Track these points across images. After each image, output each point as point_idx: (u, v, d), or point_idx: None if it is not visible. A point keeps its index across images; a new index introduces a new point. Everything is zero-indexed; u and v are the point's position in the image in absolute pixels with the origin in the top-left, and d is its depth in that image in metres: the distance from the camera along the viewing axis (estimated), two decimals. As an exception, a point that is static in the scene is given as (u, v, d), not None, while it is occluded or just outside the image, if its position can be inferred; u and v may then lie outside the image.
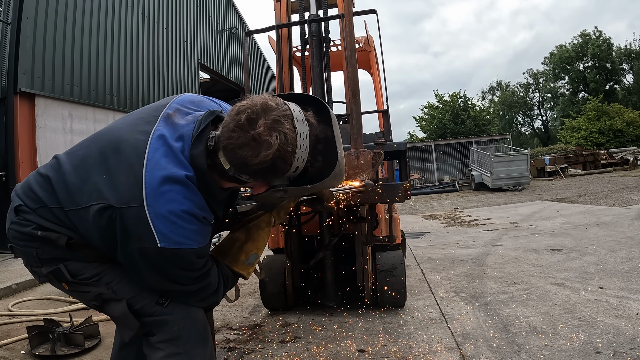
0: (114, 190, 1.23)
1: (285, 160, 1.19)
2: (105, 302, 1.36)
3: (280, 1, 3.75)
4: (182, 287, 1.34)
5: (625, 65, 41.95)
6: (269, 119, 1.17)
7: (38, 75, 7.26)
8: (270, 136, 1.15)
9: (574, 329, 2.75)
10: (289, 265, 3.40)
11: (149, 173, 1.22)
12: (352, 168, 1.68)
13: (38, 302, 4.35)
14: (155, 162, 1.23)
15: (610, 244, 5.24)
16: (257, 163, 1.18)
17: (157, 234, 1.20)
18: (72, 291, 1.40)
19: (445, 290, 3.93)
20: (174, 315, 1.35)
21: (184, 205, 1.23)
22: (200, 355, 1.38)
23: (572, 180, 18.36)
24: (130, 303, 1.35)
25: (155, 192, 1.20)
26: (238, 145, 1.18)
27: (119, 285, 1.36)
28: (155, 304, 1.35)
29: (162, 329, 1.35)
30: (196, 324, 1.39)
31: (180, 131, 1.30)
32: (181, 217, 1.22)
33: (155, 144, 1.26)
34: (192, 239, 1.25)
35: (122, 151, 1.28)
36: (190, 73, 12.60)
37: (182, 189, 1.23)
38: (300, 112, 1.24)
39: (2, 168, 7.05)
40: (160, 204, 1.20)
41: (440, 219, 10.06)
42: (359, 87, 1.86)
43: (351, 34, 2.41)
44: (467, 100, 37.24)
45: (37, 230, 1.32)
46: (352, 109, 1.78)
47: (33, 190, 1.34)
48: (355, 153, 1.66)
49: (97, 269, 1.37)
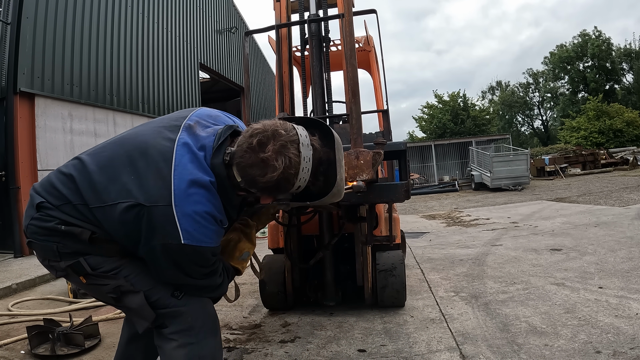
0: (142, 190, 1.35)
1: (288, 181, 1.35)
2: (123, 294, 1.45)
3: (280, 1, 3.75)
4: (194, 281, 1.46)
5: (625, 65, 41.96)
6: (277, 144, 1.33)
7: (38, 75, 7.26)
8: (276, 160, 1.32)
9: (574, 328, 2.75)
10: (288, 265, 3.40)
11: (178, 176, 1.35)
12: (352, 168, 1.69)
13: (38, 302, 4.35)
14: (183, 166, 1.37)
15: (610, 244, 5.24)
16: (263, 182, 1.34)
17: (182, 232, 1.32)
18: (89, 284, 1.48)
19: (445, 290, 3.93)
20: (188, 306, 1.47)
21: (207, 207, 1.37)
22: (211, 345, 1.49)
23: (572, 180, 18.36)
24: (147, 295, 1.44)
25: (183, 193, 1.34)
26: (249, 165, 1.35)
27: (136, 278, 1.46)
28: (170, 296, 1.46)
29: (176, 320, 1.46)
30: (208, 315, 1.51)
31: (202, 142, 1.45)
32: (205, 217, 1.36)
33: (181, 151, 1.40)
34: (211, 238, 1.39)
35: (149, 155, 1.41)
36: (190, 73, 12.60)
37: (206, 193, 1.37)
38: (306, 137, 1.40)
39: (2, 168, 7.05)
40: (187, 204, 1.33)
41: (440, 218, 10.06)
42: (358, 87, 1.86)
43: (351, 34, 2.41)
44: (466, 100, 37.27)
45: (61, 225, 1.40)
46: (352, 109, 1.78)
47: (56, 188, 1.44)
48: (355, 153, 1.66)
49: (116, 263, 1.46)
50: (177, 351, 1.44)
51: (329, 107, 3.86)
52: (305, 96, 4.53)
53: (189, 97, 12.39)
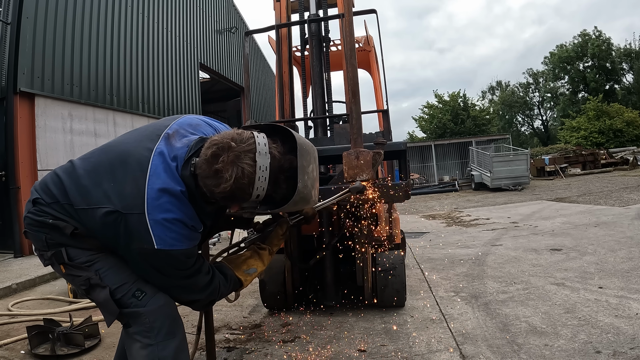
0: (120, 198, 1.46)
1: (243, 191, 1.41)
2: (91, 287, 1.54)
3: (280, 1, 3.75)
4: (177, 282, 1.55)
5: (625, 65, 41.94)
6: (231, 155, 1.39)
7: (38, 75, 7.26)
8: (227, 172, 1.38)
9: (574, 328, 2.75)
10: (288, 265, 3.40)
11: (150, 185, 1.46)
12: (352, 168, 1.69)
13: (38, 302, 4.35)
14: (156, 176, 1.48)
15: (610, 244, 5.24)
16: (218, 192, 1.41)
17: (155, 237, 1.43)
18: (67, 274, 1.58)
19: (445, 290, 3.93)
20: (146, 308, 1.53)
21: (177, 215, 1.47)
22: (171, 347, 1.54)
23: (572, 180, 18.36)
24: (113, 292, 1.53)
25: (154, 202, 1.44)
26: (205, 176, 1.43)
27: (106, 273, 1.55)
28: (131, 296, 1.53)
29: (137, 320, 1.53)
30: (166, 316, 1.56)
31: (176, 152, 1.54)
32: (174, 223, 1.46)
33: (156, 160, 1.50)
34: (182, 242, 1.48)
35: (128, 164, 1.52)
36: (190, 73, 12.60)
37: (176, 201, 1.47)
38: (265, 145, 1.44)
39: (2, 168, 7.05)
40: (157, 212, 1.44)
41: (440, 218, 10.06)
42: (358, 86, 1.85)
43: (351, 34, 2.41)
44: (467, 100, 37.26)
45: (49, 219, 1.54)
46: (352, 109, 1.78)
47: (49, 188, 1.58)
48: (355, 153, 1.66)
49: (91, 256, 1.56)
50: (139, 352, 1.52)
51: (329, 107, 3.86)
52: (305, 96, 4.53)
53: (189, 97, 12.38)
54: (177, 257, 1.48)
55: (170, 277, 1.53)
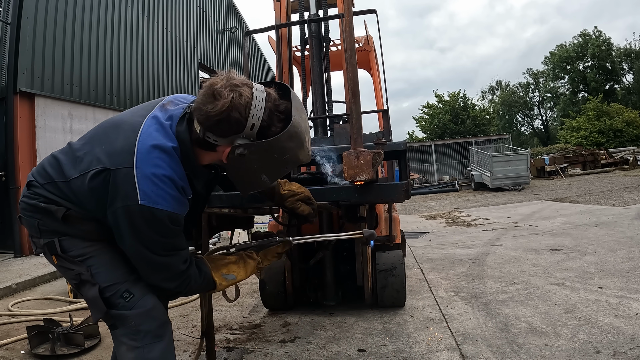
0: (110, 156, 1.43)
1: (239, 112, 1.38)
2: (82, 283, 1.51)
3: (280, 1, 3.75)
4: (155, 257, 1.47)
5: (625, 65, 41.94)
6: (229, 83, 1.40)
7: (38, 75, 7.26)
8: (226, 92, 1.38)
9: (574, 328, 2.75)
10: (288, 265, 3.40)
11: (141, 142, 1.42)
12: (352, 168, 1.68)
13: (38, 302, 4.35)
14: (148, 134, 1.45)
15: (610, 244, 5.24)
16: (215, 114, 1.37)
17: (140, 192, 1.36)
18: (59, 265, 1.55)
19: (445, 290, 3.93)
20: (133, 311, 1.50)
21: (167, 172, 1.41)
22: (157, 350, 1.52)
23: (572, 180, 18.36)
24: (102, 290, 1.49)
25: (144, 157, 1.40)
26: (202, 103, 1.40)
27: (98, 270, 1.51)
28: (119, 297, 1.49)
29: (124, 323, 1.50)
30: (153, 319, 1.53)
31: (171, 113, 1.53)
32: (163, 180, 1.39)
33: (149, 122, 1.49)
34: (169, 202, 1.40)
35: (121, 128, 1.51)
36: (190, 73, 12.60)
37: (167, 158, 1.42)
38: (261, 87, 1.45)
39: (2, 168, 7.05)
40: (146, 166, 1.39)
41: (440, 218, 10.06)
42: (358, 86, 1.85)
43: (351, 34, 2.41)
44: (467, 100, 37.27)
45: (42, 202, 1.51)
46: (352, 109, 1.78)
47: (45, 169, 1.56)
48: (355, 153, 1.66)
49: (85, 250, 1.52)
50: (127, 354, 1.50)
51: (329, 107, 3.86)
52: (305, 96, 4.53)
53: (189, 97, 12.37)
54: (161, 218, 1.40)
55: (147, 246, 1.43)
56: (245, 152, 1.42)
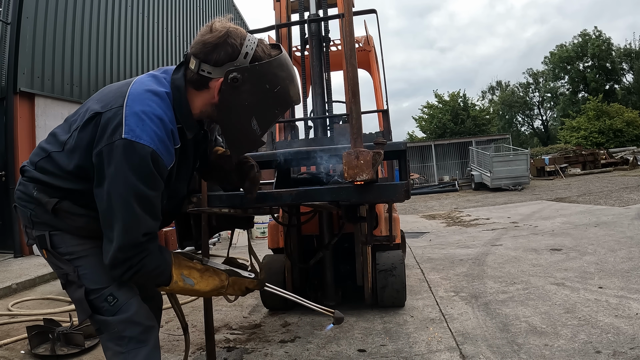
0: (102, 103, 1.43)
1: (234, 39, 1.44)
2: (68, 283, 1.51)
3: (280, 1, 3.75)
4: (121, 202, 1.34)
5: (625, 65, 41.96)
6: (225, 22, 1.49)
7: (38, 75, 7.26)
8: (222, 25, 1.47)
9: (574, 328, 2.75)
10: (288, 265, 3.40)
11: (134, 87, 1.45)
12: (352, 168, 1.68)
13: (38, 302, 4.35)
14: (141, 82, 1.48)
15: (610, 244, 5.24)
16: (213, 40, 1.42)
17: (125, 127, 1.34)
18: (49, 261, 1.55)
19: (445, 290, 3.93)
20: (116, 317, 1.48)
21: (157, 111, 1.40)
22: (141, 355, 1.50)
23: (572, 180, 18.36)
24: (88, 292, 1.48)
25: (136, 97, 1.40)
26: (200, 36, 1.46)
27: (85, 272, 1.49)
28: (104, 300, 1.48)
29: (107, 328, 1.50)
30: (136, 326, 1.50)
31: (165, 68, 1.58)
32: (150, 117, 1.37)
33: (143, 76, 1.54)
34: (153, 140, 1.36)
35: (116, 85, 1.54)
36: (190, 73, 12.60)
37: (159, 100, 1.43)
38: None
39: (2, 168, 7.05)
40: (136, 104, 1.38)
41: (440, 218, 10.06)
42: (358, 86, 1.85)
43: (351, 34, 2.41)
44: (466, 99, 37.27)
45: (35, 189, 1.50)
46: (352, 109, 1.78)
47: (41, 147, 1.57)
48: (355, 153, 1.65)
49: (74, 249, 1.50)
50: (112, 359, 1.50)
51: (329, 107, 3.86)
52: (305, 96, 4.53)
53: (189, 97, 12.39)
54: (142, 155, 1.32)
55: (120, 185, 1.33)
56: (239, 76, 1.41)
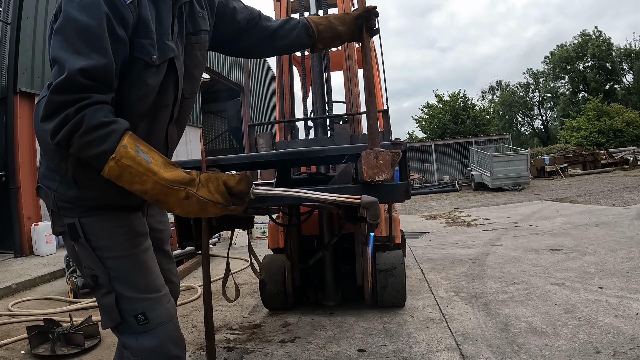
0: None
1: None
2: (97, 286, 1.37)
3: (280, 1, 3.75)
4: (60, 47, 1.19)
5: (625, 65, 41.95)
6: None
7: (38, 75, 7.26)
8: None
9: (574, 328, 2.75)
10: (288, 265, 3.40)
11: None
12: (372, 168, 1.66)
13: (38, 302, 4.35)
14: None
15: (610, 244, 5.24)
16: None
17: None
18: (74, 257, 1.41)
19: (445, 290, 3.93)
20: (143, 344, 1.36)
21: None
22: None
23: (572, 180, 18.36)
24: (119, 300, 1.35)
25: None
26: None
27: (117, 277, 1.36)
28: (133, 316, 1.35)
29: (129, 350, 1.38)
30: (160, 354, 1.38)
31: None
32: None
33: None
34: None
35: None
36: (190, 73, 12.56)
37: None
38: None
39: (2, 168, 7.05)
40: None
41: (440, 218, 10.06)
42: (374, 86, 1.85)
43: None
44: (467, 100, 37.27)
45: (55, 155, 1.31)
46: (368, 108, 1.78)
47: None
48: (374, 153, 1.64)
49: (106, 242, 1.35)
50: None
51: (329, 107, 3.87)
52: (305, 96, 4.53)
53: (189, 97, 12.35)
54: None
55: (59, 25, 1.20)
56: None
